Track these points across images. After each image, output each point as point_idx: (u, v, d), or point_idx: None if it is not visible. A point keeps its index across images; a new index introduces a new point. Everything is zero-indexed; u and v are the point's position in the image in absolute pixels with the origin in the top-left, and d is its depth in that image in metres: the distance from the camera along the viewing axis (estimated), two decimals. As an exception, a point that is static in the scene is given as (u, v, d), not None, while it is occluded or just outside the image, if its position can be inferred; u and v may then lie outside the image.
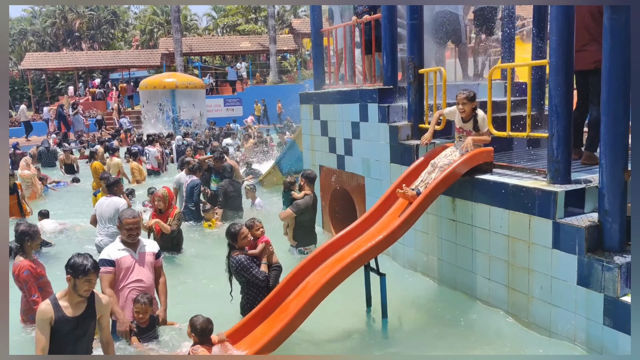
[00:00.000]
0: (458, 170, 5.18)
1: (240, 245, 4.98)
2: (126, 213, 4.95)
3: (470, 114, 5.31)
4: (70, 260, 3.73)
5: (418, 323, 5.21)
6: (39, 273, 5.11)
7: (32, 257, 5.23)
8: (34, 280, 5.01)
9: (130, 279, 4.70)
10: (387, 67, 6.79)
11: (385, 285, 5.11)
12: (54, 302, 3.73)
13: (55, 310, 3.69)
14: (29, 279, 4.98)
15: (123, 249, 4.77)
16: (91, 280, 3.72)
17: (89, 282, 3.70)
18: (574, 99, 4.74)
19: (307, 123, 8.69)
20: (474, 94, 5.30)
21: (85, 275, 3.66)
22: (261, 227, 5.23)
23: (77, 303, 3.77)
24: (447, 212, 5.65)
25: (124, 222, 4.81)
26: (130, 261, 4.72)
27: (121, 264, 4.68)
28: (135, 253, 4.78)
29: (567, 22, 4.36)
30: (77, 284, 3.68)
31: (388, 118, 6.55)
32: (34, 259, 5.23)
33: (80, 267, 3.65)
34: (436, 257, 5.91)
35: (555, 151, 4.55)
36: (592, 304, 4.13)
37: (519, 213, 4.73)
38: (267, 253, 5.10)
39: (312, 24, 8.68)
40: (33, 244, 5.18)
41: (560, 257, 4.37)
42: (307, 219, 7.06)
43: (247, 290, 5.02)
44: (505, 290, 4.96)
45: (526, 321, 4.76)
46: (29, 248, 5.15)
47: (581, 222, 4.26)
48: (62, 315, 3.70)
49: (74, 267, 3.66)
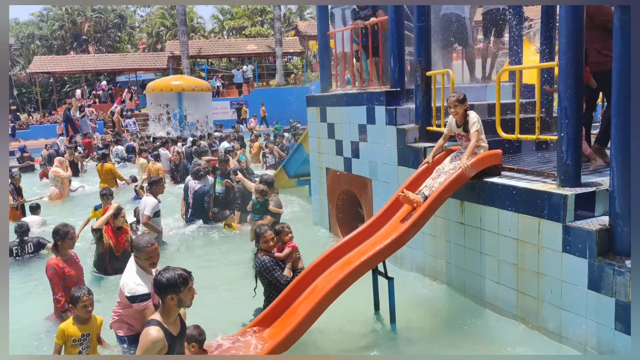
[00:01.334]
0: (466, 173, 5.14)
1: (263, 247, 5.06)
2: (144, 240, 4.49)
3: (462, 116, 5.29)
4: (161, 279, 3.45)
5: (427, 327, 5.17)
6: (66, 273, 5.22)
7: (67, 255, 5.37)
8: (58, 279, 5.16)
9: (151, 302, 4.45)
10: (394, 69, 6.76)
11: (394, 289, 5.09)
12: (162, 327, 3.43)
13: (167, 338, 3.45)
14: (53, 277, 5.15)
15: (148, 276, 4.42)
16: (192, 286, 3.54)
17: (191, 289, 3.51)
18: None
19: (313, 126, 8.68)
20: (463, 96, 5.27)
21: (186, 285, 3.45)
22: (290, 233, 5.29)
23: (175, 321, 3.57)
24: (455, 215, 5.62)
25: (144, 251, 4.38)
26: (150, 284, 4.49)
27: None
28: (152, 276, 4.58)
29: (577, 24, 4.32)
30: (182, 297, 3.45)
31: (395, 121, 6.53)
32: (67, 258, 5.36)
33: (180, 280, 3.42)
34: (444, 260, 5.88)
35: (564, 154, 4.50)
36: (603, 309, 4.08)
37: (528, 216, 4.69)
38: (292, 258, 5.15)
39: (318, 26, 8.67)
40: (64, 243, 5.29)
41: (570, 261, 4.32)
42: (276, 221, 7.30)
43: (269, 292, 5.06)
44: (515, 294, 4.92)
45: (536, 325, 4.71)
46: (60, 247, 5.30)
47: (592, 225, 4.21)
48: (170, 336, 3.49)
49: (172, 283, 3.41)
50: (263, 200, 7.35)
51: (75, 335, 4.35)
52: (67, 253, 5.38)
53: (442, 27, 7.59)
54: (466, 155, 5.14)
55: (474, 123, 5.22)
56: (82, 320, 4.41)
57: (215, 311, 5.46)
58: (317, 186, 8.80)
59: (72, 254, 5.48)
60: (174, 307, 3.50)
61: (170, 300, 3.45)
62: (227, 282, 6.57)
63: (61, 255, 5.30)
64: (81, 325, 4.40)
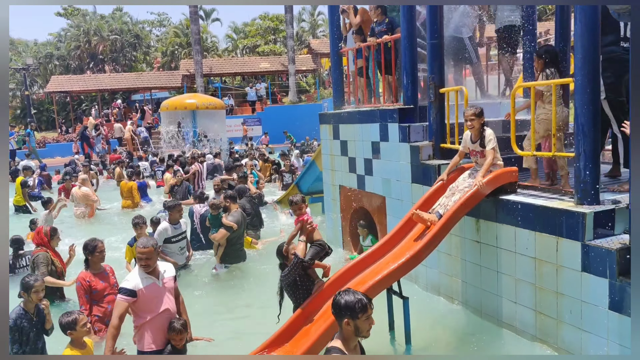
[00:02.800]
0: (482, 191, 5.08)
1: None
2: (142, 241, 4.60)
3: (479, 131, 5.21)
4: (339, 300, 3.24)
5: (443, 348, 5.08)
6: (92, 287, 5.39)
7: (97, 269, 5.53)
8: (83, 292, 5.36)
9: (160, 309, 4.54)
10: (407, 86, 6.75)
11: (409, 309, 5.00)
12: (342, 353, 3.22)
13: None
14: (79, 290, 5.36)
15: (146, 277, 4.55)
16: (371, 315, 3.25)
17: (370, 318, 3.24)
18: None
19: (326, 143, 8.67)
20: (481, 110, 5.20)
21: (364, 312, 3.19)
22: (302, 207, 5.22)
23: (355, 347, 3.33)
24: (471, 233, 5.54)
25: (138, 251, 4.52)
26: (156, 289, 4.56)
27: (147, 292, 4.48)
28: (158, 280, 4.62)
29: (592, 40, 4.28)
30: (359, 325, 3.19)
31: (409, 138, 6.50)
32: (98, 272, 5.52)
33: (358, 305, 3.18)
34: (460, 279, 5.78)
35: (582, 171, 4.43)
36: (625, 330, 3.97)
37: (545, 235, 4.60)
38: (306, 231, 5.05)
39: (331, 44, 8.71)
40: (93, 257, 5.45)
41: (590, 281, 4.22)
42: (236, 235, 7.59)
43: (295, 297, 4.90)
44: (533, 315, 4.81)
45: (555, 346, 4.60)
46: (90, 261, 5.47)
47: (612, 244, 4.12)
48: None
49: (350, 307, 3.18)
50: (216, 214, 7.59)
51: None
52: (99, 267, 5.52)
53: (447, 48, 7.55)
54: (482, 172, 5.07)
55: (490, 140, 5.16)
56: (80, 344, 4.33)
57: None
58: (331, 204, 8.76)
59: (106, 267, 5.62)
60: (351, 334, 3.24)
61: (347, 325, 3.21)
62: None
63: (91, 269, 5.49)
64: (80, 350, 4.32)
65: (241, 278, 7.44)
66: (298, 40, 43.29)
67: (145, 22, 51.08)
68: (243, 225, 7.92)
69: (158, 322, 4.55)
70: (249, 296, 6.79)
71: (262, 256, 8.16)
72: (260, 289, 6.76)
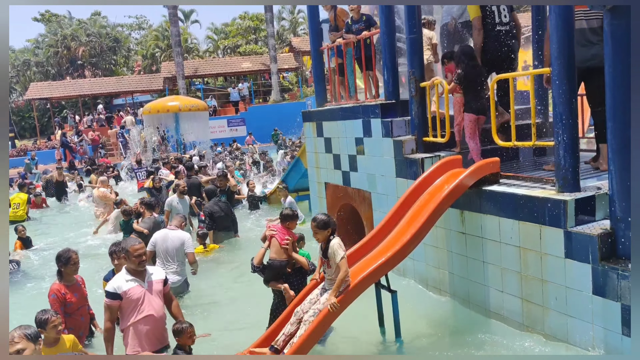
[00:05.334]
0: (464, 183, 5.13)
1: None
2: (130, 241, 4.78)
3: (325, 241, 4.57)
4: None
5: (433, 340, 5.11)
6: (67, 299, 5.14)
7: (71, 281, 5.30)
8: (59, 304, 5.05)
9: (141, 313, 4.55)
10: (388, 81, 6.78)
11: (397, 303, 5.04)
12: None
13: None
14: (53, 302, 5.05)
15: (131, 279, 4.61)
16: None
17: None
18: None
19: (310, 141, 8.68)
20: (323, 221, 4.52)
21: None
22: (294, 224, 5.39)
23: None
24: (456, 225, 5.59)
25: (132, 250, 4.61)
26: (140, 291, 4.59)
27: (131, 295, 4.53)
28: (144, 282, 4.65)
29: (567, 30, 4.33)
30: None
31: (392, 132, 6.53)
32: (71, 284, 5.29)
33: None
34: (447, 271, 5.84)
35: (562, 159, 4.49)
36: (609, 314, 4.04)
37: (529, 223, 4.66)
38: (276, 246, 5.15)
39: (311, 42, 8.72)
40: (67, 269, 5.24)
41: (573, 267, 4.29)
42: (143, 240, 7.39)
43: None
44: (520, 303, 4.88)
45: (542, 333, 4.66)
46: (64, 272, 5.26)
47: (593, 230, 4.19)
48: None
49: None
50: (127, 220, 8.07)
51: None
52: (72, 279, 5.31)
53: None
54: (333, 291, 4.43)
55: (336, 254, 4.43)
56: (51, 342, 4.32)
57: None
58: (317, 201, 8.78)
59: (78, 279, 5.42)
60: None
61: None
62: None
63: (65, 281, 5.24)
64: (50, 348, 4.30)
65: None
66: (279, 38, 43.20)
67: (123, 26, 50.61)
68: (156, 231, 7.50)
69: (143, 325, 4.55)
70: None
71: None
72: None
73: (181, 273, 6.81)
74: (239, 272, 7.48)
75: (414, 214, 5.33)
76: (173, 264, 6.70)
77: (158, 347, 4.63)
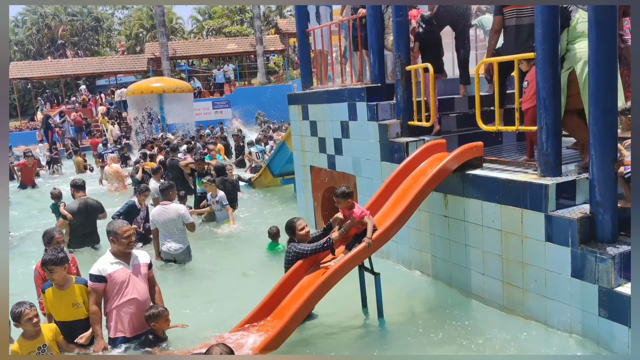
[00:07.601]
0: (448, 167, 5.17)
1: (299, 238, 5.20)
2: (118, 223, 4.75)
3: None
4: None
5: (415, 321, 5.17)
6: (45, 278, 5.04)
7: None
8: (41, 282, 4.98)
9: (125, 296, 4.54)
10: (373, 64, 6.77)
11: (380, 285, 5.09)
12: None
13: None
14: (36, 279, 5.06)
15: (116, 262, 4.60)
16: None
17: None
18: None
19: (296, 124, 8.65)
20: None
21: None
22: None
23: None
24: (439, 208, 5.64)
25: (120, 232, 4.59)
26: (125, 274, 4.58)
27: (115, 277, 4.52)
28: (129, 265, 4.64)
29: (552, 15, 4.35)
30: None
31: (377, 116, 6.53)
32: None
33: None
34: (430, 254, 5.90)
35: (544, 144, 4.54)
36: (586, 296, 4.14)
37: (511, 207, 4.72)
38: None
39: (297, 24, 8.63)
40: (50, 247, 5.14)
41: (553, 250, 4.37)
42: (79, 223, 7.72)
43: None
44: (500, 285, 4.96)
45: (522, 315, 4.76)
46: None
47: (573, 214, 4.26)
48: None
49: None
50: (55, 203, 8.57)
51: (30, 351, 4.15)
52: None
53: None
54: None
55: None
56: (30, 335, 4.18)
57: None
58: (302, 184, 8.78)
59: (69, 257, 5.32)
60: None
61: None
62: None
63: None
64: (31, 340, 4.18)
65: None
66: (265, 20, 42.71)
67: (105, 4, 49.60)
68: (85, 214, 7.75)
69: (127, 308, 4.55)
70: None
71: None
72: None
73: (182, 241, 7.17)
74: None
75: (397, 197, 5.37)
76: (174, 234, 7.12)
77: (140, 331, 4.63)
